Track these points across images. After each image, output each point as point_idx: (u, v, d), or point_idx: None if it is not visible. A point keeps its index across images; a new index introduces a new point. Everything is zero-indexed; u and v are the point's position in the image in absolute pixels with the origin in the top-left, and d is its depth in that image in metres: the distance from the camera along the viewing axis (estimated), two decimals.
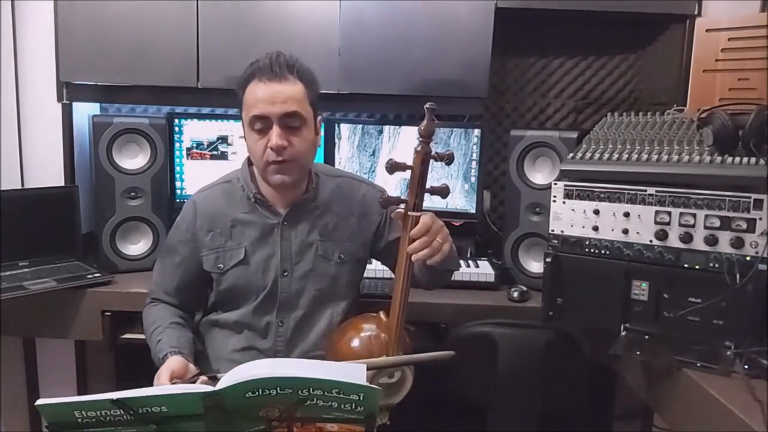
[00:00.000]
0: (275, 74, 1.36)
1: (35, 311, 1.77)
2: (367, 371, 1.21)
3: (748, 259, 1.27)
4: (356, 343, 1.35)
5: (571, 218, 1.48)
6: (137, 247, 1.99)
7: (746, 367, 1.23)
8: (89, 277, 1.82)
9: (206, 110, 2.17)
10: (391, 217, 1.52)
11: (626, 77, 2.27)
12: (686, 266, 1.34)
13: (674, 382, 1.31)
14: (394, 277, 1.37)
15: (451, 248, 1.38)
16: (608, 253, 1.44)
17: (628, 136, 1.53)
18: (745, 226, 1.27)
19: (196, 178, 2.05)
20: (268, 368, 0.99)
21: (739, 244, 1.28)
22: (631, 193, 1.40)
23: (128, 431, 0.97)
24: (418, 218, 1.29)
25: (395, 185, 2.06)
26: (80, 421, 0.95)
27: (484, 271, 1.91)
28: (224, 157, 2.08)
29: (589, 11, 2.00)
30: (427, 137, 1.28)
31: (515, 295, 1.78)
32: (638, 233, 1.40)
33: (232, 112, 2.18)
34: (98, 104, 2.15)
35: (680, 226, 1.34)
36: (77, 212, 1.97)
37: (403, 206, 1.30)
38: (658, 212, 1.37)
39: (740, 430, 1.07)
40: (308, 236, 1.48)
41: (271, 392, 0.95)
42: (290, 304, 1.47)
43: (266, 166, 1.39)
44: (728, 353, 1.28)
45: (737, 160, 1.32)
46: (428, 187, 1.31)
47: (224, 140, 2.07)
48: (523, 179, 1.89)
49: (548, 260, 1.49)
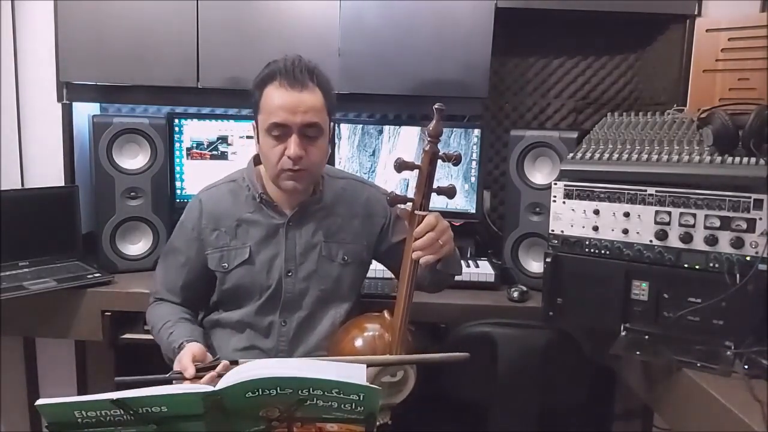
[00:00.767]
0: (297, 81, 1.34)
1: (35, 311, 1.77)
2: (374, 368, 1.22)
3: (748, 259, 1.27)
4: (360, 342, 1.36)
5: (571, 218, 1.48)
6: (137, 247, 1.99)
7: (746, 367, 1.23)
8: (89, 277, 1.82)
9: (206, 110, 2.17)
10: (395, 219, 1.53)
11: (626, 77, 2.27)
12: (686, 266, 1.34)
13: (674, 382, 1.31)
14: (394, 277, 1.38)
15: (452, 250, 1.38)
16: (608, 253, 1.44)
17: (628, 136, 1.53)
18: (745, 226, 1.27)
19: (196, 178, 2.05)
20: (268, 368, 0.99)
21: (739, 244, 1.28)
22: (631, 193, 1.40)
23: (128, 431, 0.97)
24: (423, 218, 1.30)
25: (395, 185, 2.06)
26: (80, 421, 0.95)
27: (484, 271, 1.91)
28: (224, 157, 2.08)
29: (589, 11, 2.00)
30: (435, 137, 1.28)
31: (515, 295, 1.78)
32: (638, 233, 1.40)
33: (232, 112, 2.18)
34: (98, 104, 2.15)
35: (680, 226, 1.34)
36: (77, 212, 1.97)
37: (409, 205, 1.31)
38: (658, 212, 1.37)
39: (740, 430, 1.07)
40: (313, 237, 1.48)
41: (271, 392, 0.95)
42: (294, 304, 1.47)
43: (280, 172, 1.38)
44: (728, 353, 1.28)
45: (737, 160, 1.32)
46: (435, 187, 1.31)
47: (224, 140, 2.07)
48: (523, 179, 1.89)
49: (548, 260, 1.49)
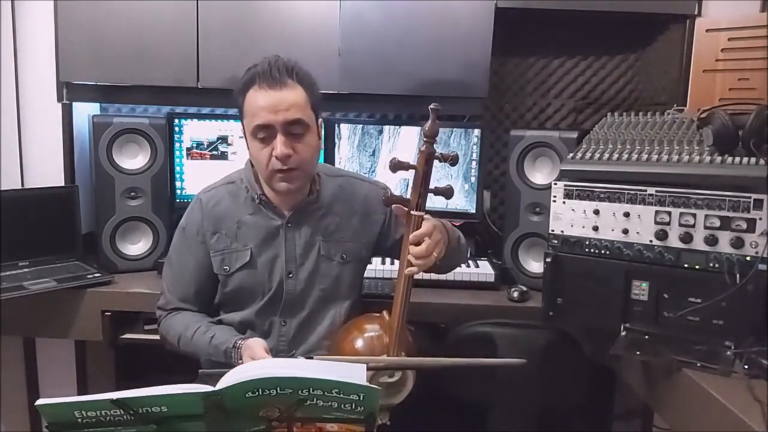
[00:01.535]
0: (275, 80, 1.34)
1: (35, 311, 1.77)
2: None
3: (748, 259, 1.27)
4: (360, 343, 1.36)
5: (571, 218, 1.48)
6: (137, 247, 1.99)
7: (746, 367, 1.23)
8: (89, 277, 1.82)
9: (206, 110, 2.17)
10: (394, 213, 1.51)
11: (626, 77, 2.27)
12: (686, 266, 1.34)
13: (674, 382, 1.31)
14: (394, 277, 1.37)
15: (440, 258, 1.34)
16: (608, 253, 1.44)
17: (628, 136, 1.53)
18: (745, 226, 1.27)
19: (196, 178, 2.05)
20: (268, 368, 0.99)
21: (739, 244, 1.28)
22: (631, 193, 1.40)
23: (128, 431, 0.97)
24: (420, 218, 1.29)
25: (395, 185, 2.06)
26: (80, 421, 0.94)
27: (484, 271, 1.91)
28: (224, 157, 2.08)
29: (589, 11, 2.00)
30: (431, 137, 1.28)
31: (515, 295, 1.78)
32: (638, 233, 1.40)
33: (232, 112, 2.18)
34: (98, 104, 2.15)
35: (680, 226, 1.34)
36: (77, 212, 1.97)
37: (406, 205, 1.30)
38: (658, 212, 1.37)
39: (740, 430, 1.07)
40: (311, 237, 1.48)
41: (271, 392, 0.95)
42: (295, 304, 1.47)
43: (272, 174, 1.38)
44: (728, 353, 1.28)
45: (737, 160, 1.32)
46: (432, 187, 1.30)
47: (224, 140, 2.07)
48: (523, 179, 1.89)
49: (548, 260, 1.49)
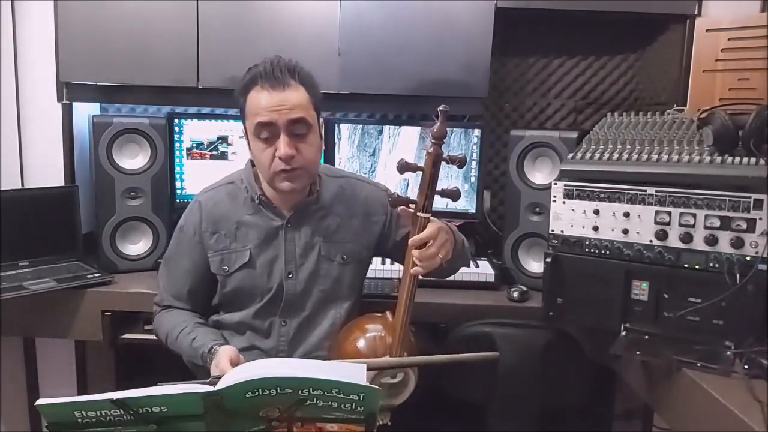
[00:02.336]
0: (278, 80, 1.34)
1: (35, 311, 1.77)
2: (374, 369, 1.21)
3: (748, 259, 1.27)
4: (362, 343, 1.35)
5: (571, 218, 1.48)
6: (137, 247, 1.99)
7: (746, 367, 1.23)
8: (89, 277, 1.82)
9: (206, 110, 2.17)
10: (396, 216, 1.51)
11: (626, 77, 2.27)
12: (686, 266, 1.34)
13: (674, 382, 1.31)
14: (396, 277, 1.37)
15: (447, 261, 1.35)
16: (608, 253, 1.44)
17: (628, 136, 1.53)
18: (745, 226, 1.27)
19: (196, 178, 2.05)
20: (268, 368, 0.99)
21: (739, 244, 1.28)
22: (631, 193, 1.40)
23: (128, 431, 0.97)
24: (426, 219, 1.29)
25: (396, 185, 2.06)
26: (80, 421, 0.95)
27: (484, 271, 1.91)
28: (224, 157, 2.08)
29: (589, 11, 2.00)
30: (439, 139, 1.27)
31: (515, 295, 1.78)
32: (638, 233, 1.40)
33: (232, 112, 2.17)
34: (98, 104, 2.15)
35: (680, 226, 1.34)
36: (77, 212, 1.97)
37: (412, 206, 1.30)
38: (658, 212, 1.37)
39: (740, 430, 1.07)
40: (311, 238, 1.47)
41: (271, 392, 0.95)
42: (295, 305, 1.47)
43: (274, 175, 1.38)
44: (728, 353, 1.28)
45: (737, 160, 1.33)
46: (439, 189, 1.30)
47: (224, 140, 2.07)
48: (523, 179, 1.89)
49: (548, 260, 1.49)
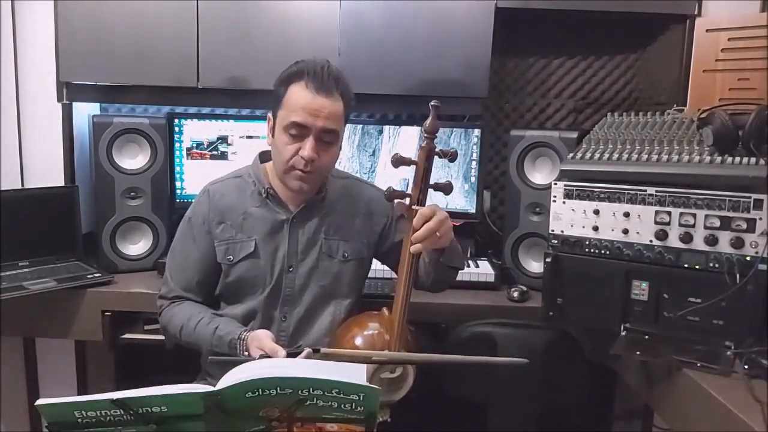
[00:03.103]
0: (323, 86, 1.36)
1: (35, 311, 1.77)
2: (372, 365, 1.22)
3: (748, 259, 1.27)
4: (359, 340, 1.36)
5: (571, 218, 1.48)
6: (137, 247, 1.99)
7: (746, 367, 1.23)
8: (89, 277, 1.82)
9: (206, 110, 2.17)
10: (397, 219, 1.54)
11: (626, 77, 2.27)
12: (686, 266, 1.34)
13: (674, 382, 1.31)
14: (395, 276, 1.37)
15: (451, 240, 1.38)
16: (608, 253, 1.44)
17: (628, 136, 1.53)
18: (745, 226, 1.27)
19: (196, 178, 2.05)
20: (268, 368, 0.99)
21: (739, 244, 1.28)
22: (631, 193, 1.40)
23: (128, 431, 0.97)
24: None
25: (396, 185, 2.05)
26: (80, 421, 0.95)
27: (484, 271, 1.91)
28: (224, 157, 2.08)
29: (589, 11, 2.00)
30: (431, 134, 1.31)
31: (515, 295, 1.78)
32: (638, 233, 1.40)
33: (232, 112, 2.18)
34: (98, 104, 2.15)
35: (680, 226, 1.34)
36: (77, 212, 1.97)
37: (407, 200, 1.32)
38: (658, 212, 1.37)
39: (740, 430, 1.07)
40: (314, 234, 1.49)
41: (271, 392, 0.95)
42: (293, 299, 1.48)
43: (290, 170, 1.40)
44: (728, 353, 1.28)
45: (737, 160, 1.33)
46: (432, 183, 1.33)
47: (224, 140, 2.07)
48: (523, 179, 1.89)
49: (548, 260, 1.49)
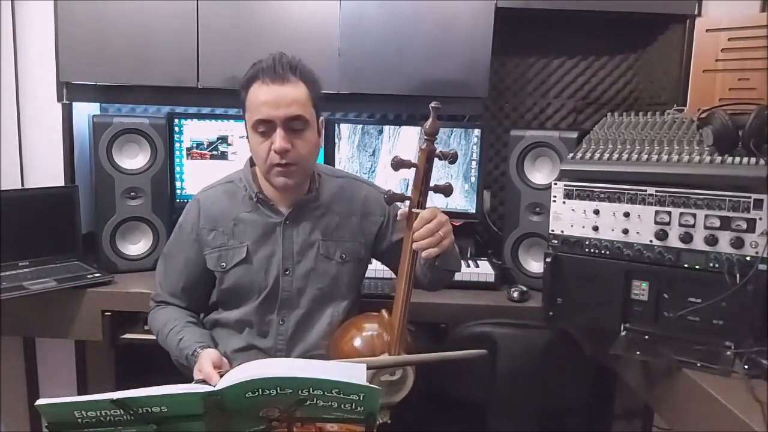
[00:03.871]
0: (278, 75, 1.36)
1: (35, 311, 1.77)
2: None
3: (748, 259, 1.27)
4: (359, 342, 1.36)
5: (571, 218, 1.48)
6: (137, 247, 1.99)
7: (746, 367, 1.23)
8: (89, 277, 1.82)
9: (206, 110, 2.17)
10: (393, 218, 1.52)
11: (626, 77, 2.27)
12: (686, 266, 1.34)
13: (674, 382, 1.31)
14: (395, 276, 1.37)
15: (451, 244, 1.38)
16: (608, 253, 1.44)
17: (628, 136, 1.53)
18: (745, 226, 1.27)
19: (196, 178, 2.05)
20: (268, 368, 0.99)
21: (739, 244, 1.28)
22: (631, 193, 1.40)
23: (128, 431, 0.97)
24: None
25: (395, 185, 2.06)
26: (80, 421, 0.95)
27: (484, 271, 1.91)
28: (224, 157, 2.08)
29: (589, 11, 2.00)
30: (431, 135, 1.29)
31: (515, 295, 1.78)
32: (638, 233, 1.40)
33: (232, 112, 2.18)
34: (98, 104, 2.15)
35: (680, 226, 1.34)
36: (77, 212, 1.97)
37: (407, 203, 1.31)
38: (658, 212, 1.37)
39: (740, 430, 1.07)
40: (310, 236, 1.48)
41: (271, 392, 0.95)
42: (291, 302, 1.47)
43: (270, 168, 1.39)
44: (728, 353, 1.28)
45: (737, 160, 1.32)
46: (432, 185, 1.31)
47: (224, 140, 2.07)
48: (523, 179, 1.89)
49: (548, 260, 1.49)
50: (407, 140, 2.08)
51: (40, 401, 0.93)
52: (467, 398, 1.67)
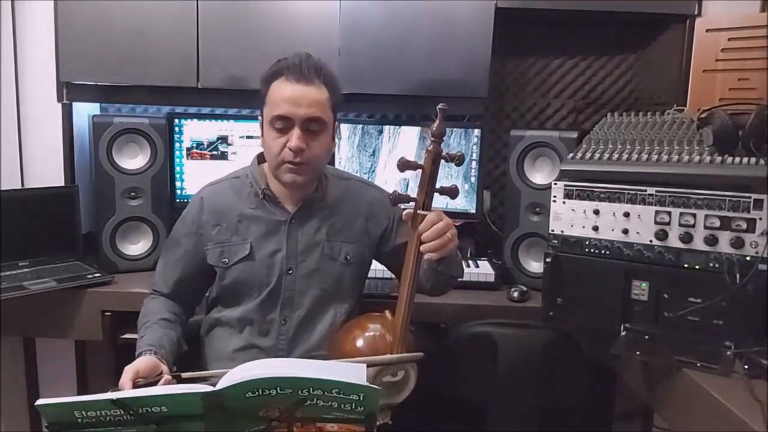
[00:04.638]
0: (303, 75, 1.37)
1: (35, 311, 1.77)
2: (374, 368, 1.21)
3: (748, 259, 1.27)
4: (361, 342, 1.36)
5: (571, 218, 1.48)
6: (137, 247, 1.99)
7: (746, 367, 1.23)
8: (89, 277, 1.82)
9: (206, 110, 2.17)
10: (399, 221, 1.53)
11: (626, 77, 2.27)
12: (686, 266, 1.34)
13: (674, 382, 1.31)
14: (395, 277, 1.38)
15: (455, 248, 1.38)
16: (608, 253, 1.44)
17: (628, 136, 1.53)
18: (745, 226, 1.27)
19: (196, 178, 2.05)
20: (268, 368, 0.99)
21: (739, 244, 1.28)
22: (631, 193, 1.40)
23: (128, 431, 0.97)
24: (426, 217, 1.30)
25: (395, 185, 2.06)
26: (80, 421, 0.95)
27: (484, 271, 1.91)
28: (224, 157, 2.08)
29: (589, 11, 2.00)
30: (438, 137, 1.30)
31: (515, 295, 1.78)
32: (638, 233, 1.40)
33: (232, 112, 2.18)
34: (98, 104, 2.15)
35: (680, 226, 1.34)
36: (77, 212, 1.97)
37: (412, 205, 1.32)
38: (658, 212, 1.37)
39: (740, 430, 1.07)
40: (315, 235, 1.48)
41: (271, 392, 0.95)
42: (293, 302, 1.47)
43: (281, 164, 1.40)
44: (728, 353, 1.28)
45: (737, 160, 1.33)
46: (437, 187, 1.32)
47: (224, 140, 2.07)
48: (523, 179, 1.90)
49: (548, 260, 1.49)
50: (407, 140, 2.08)
51: (40, 401, 0.93)
52: (467, 398, 1.67)
